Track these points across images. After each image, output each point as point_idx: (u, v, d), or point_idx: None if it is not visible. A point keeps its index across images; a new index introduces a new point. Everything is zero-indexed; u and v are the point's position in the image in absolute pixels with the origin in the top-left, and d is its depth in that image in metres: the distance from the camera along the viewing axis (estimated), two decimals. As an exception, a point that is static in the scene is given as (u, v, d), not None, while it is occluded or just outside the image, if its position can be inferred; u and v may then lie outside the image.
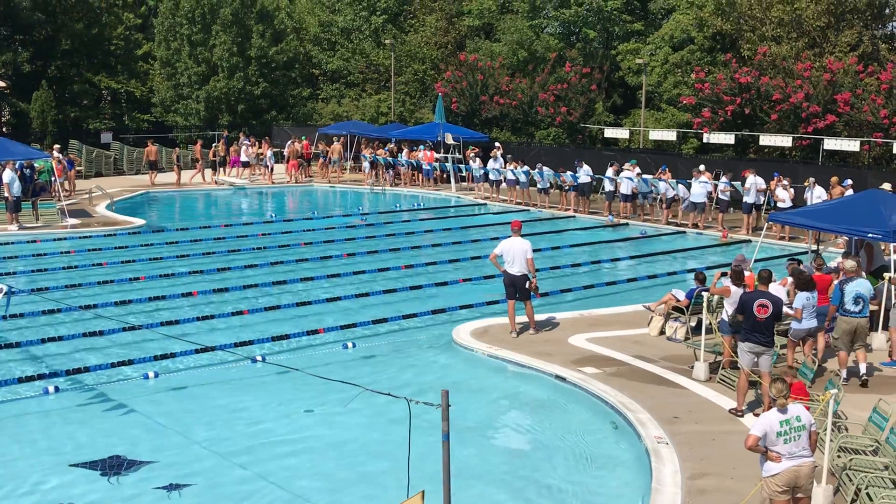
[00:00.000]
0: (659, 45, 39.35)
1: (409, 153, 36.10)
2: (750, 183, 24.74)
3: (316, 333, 14.73)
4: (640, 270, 20.68)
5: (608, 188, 28.13)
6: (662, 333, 14.66)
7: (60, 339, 14.38)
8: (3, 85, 41.70)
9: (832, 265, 15.48)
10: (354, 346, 14.39)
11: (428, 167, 34.69)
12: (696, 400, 11.79)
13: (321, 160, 37.61)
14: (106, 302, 16.33)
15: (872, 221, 14.24)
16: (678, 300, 14.72)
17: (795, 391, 9.87)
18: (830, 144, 28.99)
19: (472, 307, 16.60)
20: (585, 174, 28.42)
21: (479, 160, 33.45)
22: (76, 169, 32.90)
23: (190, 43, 44.54)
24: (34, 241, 22.91)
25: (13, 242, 22.55)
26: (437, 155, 35.52)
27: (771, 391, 8.20)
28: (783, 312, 11.68)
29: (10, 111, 44.66)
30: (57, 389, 12.18)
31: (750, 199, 24.84)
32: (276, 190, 35.15)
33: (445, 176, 34.99)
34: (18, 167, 25.14)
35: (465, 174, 34.42)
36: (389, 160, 35.30)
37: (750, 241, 23.35)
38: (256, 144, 37.03)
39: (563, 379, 12.59)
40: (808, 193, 23.42)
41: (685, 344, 13.90)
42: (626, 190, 27.25)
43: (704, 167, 26.73)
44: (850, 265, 13.04)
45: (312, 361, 13.31)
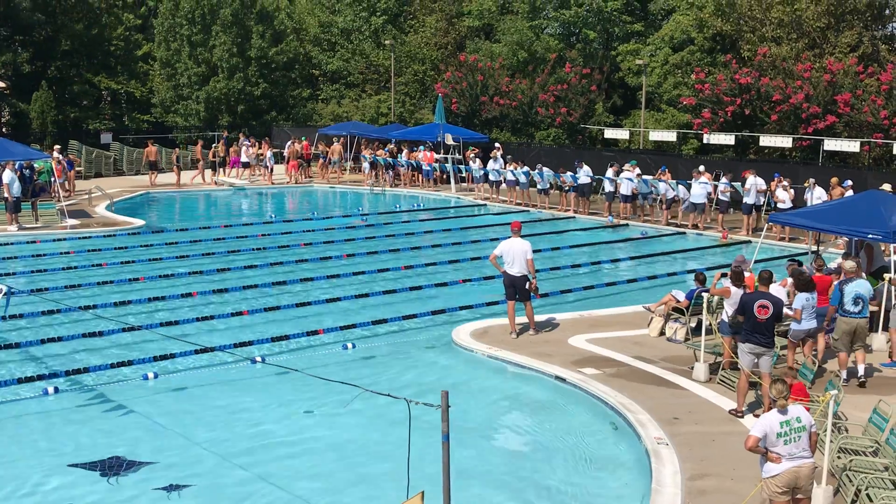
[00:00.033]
0: (659, 45, 39.33)
1: (408, 154, 36.08)
2: (750, 184, 24.73)
3: (316, 334, 14.71)
4: (640, 271, 20.69)
5: (608, 189, 28.12)
6: (662, 334, 14.66)
7: (60, 339, 14.36)
8: (2, 85, 41.68)
9: (832, 266, 15.48)
10: (354, 346, 14.39)
11: (428, 168, 34.66)
12: (696, 401, 11.79)
13: (321, 161, 37.57)
14: (105, 302, 16.31)
15: (872, 222, 14.25)
16: (678, 301, 14.72)
17: (795, 392, 9.88)
18: (830, 145, 29.00)
19: (471, 308, 16.59)
20: (585, 175, 28.41)
21: (478, 161, 33.40)
22: (76, 169, 32.89)
23: (190, 43, 44.54)
24: (34, 241, 22.89)
25: (13, 243, 22.52)
26: (436, 155, 35.50)
27: (771, 392, 8.20)
28: (783, 313, 11.69)
29: (9, 111, 44.64)
30: (57, 390, 12.17)
31: (750, 199, 24.83)
32: (275, 190, 35.14)
33: (445, 177, 34.95)
34: (18, 168, 25.10)
35: (464, 175, 34.37)
36: (389, 161, 35.27)
37: (750, 241, 23.36)
38: (256, 145, 37.02)
39: (562, 380, 12.59)
40: (808, 194, 23.41)
41: (685, 345, 13.90)
42: (626, 191, 27.24)
43: (704, 168, 26.74)
44: (849, 266, 13.05)
45: (312, 362, 13.30)
